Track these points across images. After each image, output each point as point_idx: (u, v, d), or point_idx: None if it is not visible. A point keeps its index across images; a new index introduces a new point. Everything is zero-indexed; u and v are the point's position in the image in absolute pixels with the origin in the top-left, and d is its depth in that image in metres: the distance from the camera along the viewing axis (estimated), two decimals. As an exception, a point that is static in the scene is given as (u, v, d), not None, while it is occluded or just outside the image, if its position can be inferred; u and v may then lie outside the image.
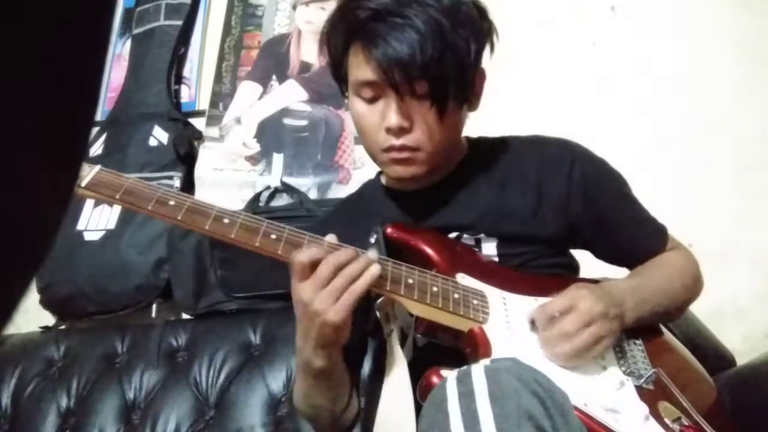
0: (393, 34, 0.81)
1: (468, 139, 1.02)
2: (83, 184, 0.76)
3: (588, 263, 1.02)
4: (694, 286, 0.96)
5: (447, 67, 0.82)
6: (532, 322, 0.83)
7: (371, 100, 0.87)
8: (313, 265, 0.75)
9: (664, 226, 0.99)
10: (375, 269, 0.76)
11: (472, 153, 1.00)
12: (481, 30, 0.88)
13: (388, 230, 0.89)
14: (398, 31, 0.81)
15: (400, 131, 0.85)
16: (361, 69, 0.86)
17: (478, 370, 0.65)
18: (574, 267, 1.00)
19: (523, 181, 0.94)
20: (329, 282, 0.74)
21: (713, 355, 1.16)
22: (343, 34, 0.88)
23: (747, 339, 1.39)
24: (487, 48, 0.90)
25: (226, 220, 0.78)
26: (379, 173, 1.08)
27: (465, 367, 0.67)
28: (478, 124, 1.00)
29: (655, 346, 0.91)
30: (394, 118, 0.84)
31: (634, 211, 0.98)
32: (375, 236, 0.88)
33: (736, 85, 1.57)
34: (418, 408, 0.72)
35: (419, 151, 0.87)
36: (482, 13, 0.89)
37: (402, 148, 0.86)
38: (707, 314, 1.22)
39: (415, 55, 0.80)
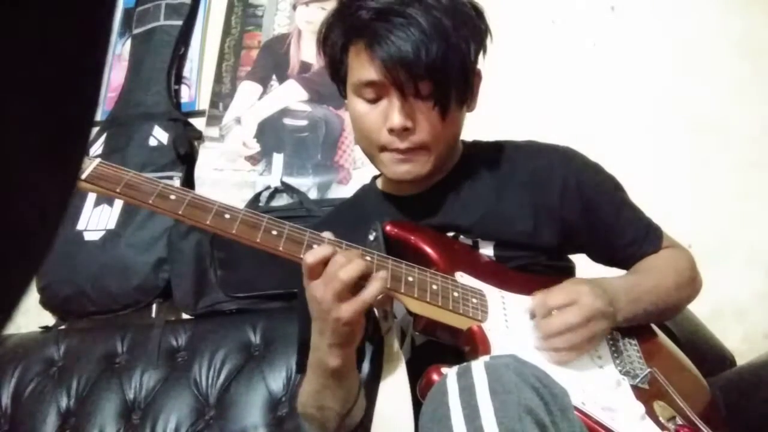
0: (397, 33, 0.80)
1: (464, 142, 1.02)
2: (83, 176, 0.75)
3: (584, 265, 1.02)
4: (689, 285, 0.96)
5: (450, 67, 0.82)
6: (532, 313, 0.83)
7: (373, 101, 0.86)
8: (324, 264, 0.75)
9: (659, 227, 0.99)
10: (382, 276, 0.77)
11: (469, 157, 0.99)
12: (479, 30, 0.88)
13: (387, 228, 0.89)
14: (402, 30, 0.80)
15: (403, 132, 0.85)
16: (363, 69, 0.85)
17: (478, 366, 0.65)
18: (570, 269, 0.99)
19: (519, 188, 0.94)
20: (339, 279, 0.74)
21: (713, 356, 1.16)
22: (343, 34, 0.88)
23: (747, 339, 1.39)
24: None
25: (227, 216, 0.78)
26: (375, 177, 1.07)
27: (465, 363, 0.68)
28: (478, 124, 1.00)
29: (650, 346, 0.91)
30: (397, 119, 0.83)
31: (629, 214, 0.98)
32: (374, 234, 0.88)
33: (736, 85, 1.57)
34: (417, 406, 0.72)
35: (423, 150, 0.87)
36: (479, 13, 0.89)
37: (406, 150, 0.86)
38: (707, 314, 1.22)
39: (419, 55, 0.80)
